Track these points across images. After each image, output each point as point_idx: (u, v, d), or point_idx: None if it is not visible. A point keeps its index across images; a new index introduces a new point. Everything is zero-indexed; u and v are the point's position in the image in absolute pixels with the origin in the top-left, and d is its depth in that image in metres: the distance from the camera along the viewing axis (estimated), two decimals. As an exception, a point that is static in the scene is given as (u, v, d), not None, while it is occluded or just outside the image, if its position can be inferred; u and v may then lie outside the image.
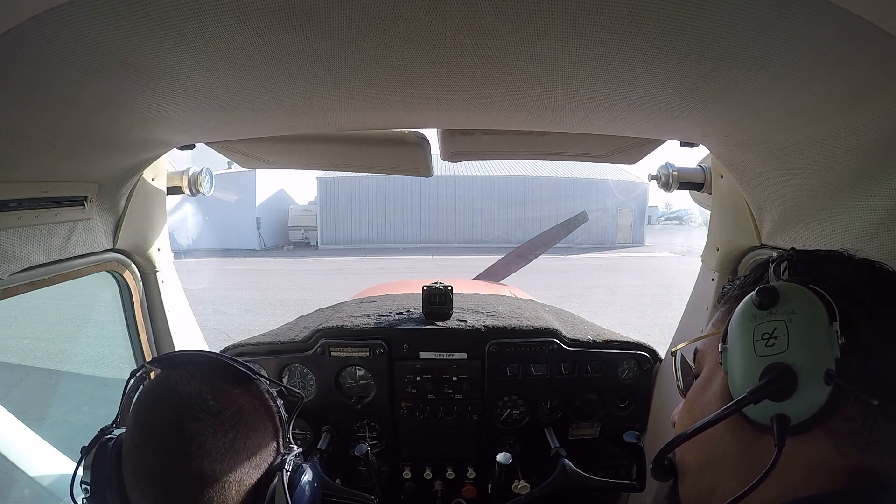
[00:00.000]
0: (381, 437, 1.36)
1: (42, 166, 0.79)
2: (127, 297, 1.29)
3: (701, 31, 0.50)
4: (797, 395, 0.44)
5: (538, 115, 0.84)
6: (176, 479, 0.57)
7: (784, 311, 0.47)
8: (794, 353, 0.46)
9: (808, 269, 0.52)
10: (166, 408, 0.60)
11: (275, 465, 0.65)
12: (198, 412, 0.59)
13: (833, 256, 0.53)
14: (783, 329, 0.47)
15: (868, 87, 0.57)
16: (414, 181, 18.09)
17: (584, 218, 4.48)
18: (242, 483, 0.60)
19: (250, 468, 0.61)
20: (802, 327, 0.46)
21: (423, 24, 0.51)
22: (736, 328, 0.51)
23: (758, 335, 0.48)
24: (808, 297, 0.47)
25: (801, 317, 0.46)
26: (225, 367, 0.66)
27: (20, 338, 4.05)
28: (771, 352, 0.47)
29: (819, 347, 0.44)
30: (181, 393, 0.60)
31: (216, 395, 0.61)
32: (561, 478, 1.10)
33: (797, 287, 0.48)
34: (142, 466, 0.59)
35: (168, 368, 0.66)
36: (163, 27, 0.50)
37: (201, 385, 0.61)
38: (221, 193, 17.05)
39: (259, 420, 0.65)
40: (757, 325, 0.49)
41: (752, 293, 0.51)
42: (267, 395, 0.68)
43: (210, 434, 0.58)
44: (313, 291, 10.03)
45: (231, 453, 0.59)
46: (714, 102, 0.72)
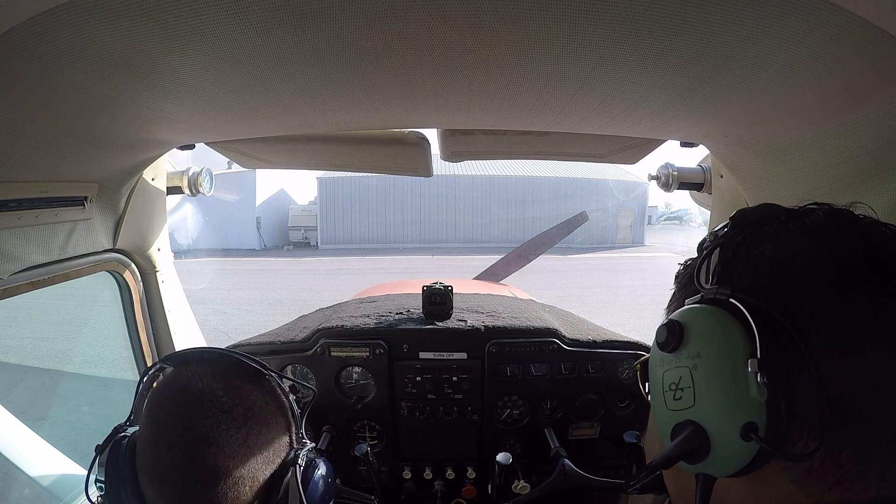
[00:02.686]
0: (381, 437, 1.36)
1: (42, 166, 0.79)
2: (127, 297, 1.29)
3: (701, 31, 0.50)
4: (713, 457, 0.38)
5: (538, 116, 0.84)
6: (190, 476, 0.57)
7: (689, 353, 0.39)
8: (700, 408, 0.38)
9: (747, 261, 0.41)
10: (179, 405, 0.61)
11: (288, 460, 0.65)
12: (211, 409, 0.59)
13: (784, 226, 0.41)
14: (688, 378, 0.39)
15: (868, 87, 0.57)
16: (414, 181, 18.10)
17: (584, 218, 4.49)
18: (256, 478, 0.61)
19: (263, 463, 0.62)
20: (709, 374, 0.38)
21: (423, 25, 0.51)
22: (651, 371, 0.45)
23: (666, 384, 0.41)
24: (719, 328, 0.38)
25: (708, 360, 0.38)
26: (236, 363, 0.67)
27: (20, 338, 4.05)
28: (678, 406, 0.40)
29: (730, 398, 0.37)
30: (194, 390, 0.61)
31: (229, 392, 0.62)
32: (561, 478, 1.10)
33: (706, 313, 0.40)
34: (156, 464, 0.59)
35: (180, 366, 0.67)
36: (163, 27, 0.50)
37: (214, 382, 0.62)
38: (221, 193, 17.04)
39: (272, 415, 0.65)
40: (664, 371, 0.42)
41: (658, 328, 0.43)
42: (279, 391, 0.68)
43: (223, 430, 0.59)
44: (313, 291, 10.03)
45: (244, 449, 0.60)
46: (714, 102, 0.72)
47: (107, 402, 2.53)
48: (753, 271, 0.40)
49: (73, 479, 1.20)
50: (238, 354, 0.67)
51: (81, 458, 1.26)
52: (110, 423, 0.68)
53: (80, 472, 1.22)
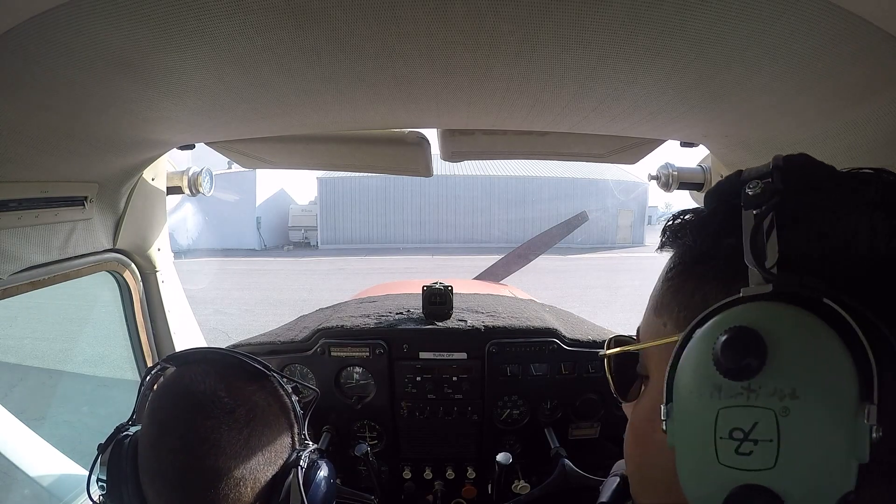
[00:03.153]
0: (381, 437, 1.36)
1: (42, 166, 0.79)
2: (127, 297, 1.29)
3: (701, 31, 0.50)
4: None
5: (538, 116, 0.84)
6: (191, 477, 0.57)
7: (776, 389, 0.27)
8: (786, 473, 0.27)
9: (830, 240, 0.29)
10: (181, 406, 0.60)
11: (290, 462, 0.65)
12: (212, 410, 0.59)
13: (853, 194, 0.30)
14: (771, 427, 0.27)
15: (868, 87, 0.57)
16: (414, 181, 18.09)
17: (584, 218, 4.49)
18: (258, 480, 0.60)
19: (265, 464, 0.62)
20: (808, 426, 0.26)
21: (423, 25, 0.51)
22: (685, 394, 0.31)
23: (724, 428, 0.28)
24: (824, 352, 0.26)
25: (808, 405, 0.26)
26: (239, 363, 0.66)
27: (20, 338, 4.05)
28: (745, 465, 0.28)
29: (834, 462, 0.26)
30: (196, 391, 0.60)
31: (231, 392, 0.61)
32: (561, 478, 1.10)
33: (799, 320, 0.27)
34: (157, 465, 0.59)
35: (182, 366, 0.66)
36: (163, 27, 0.50)
37: (216, 382, 0.61)
38: (221, 193, 17.05)
39: (274, 416, 0.65)
40: (722, 407, 0.28)
41: (708, 337, 0.29)
42: (282, 392, 0.68)
43: (225, 431, 0.58)
44: (313, 291, 10.03)
45: (246, 450, 0.59)
46: (714, 102, 0.72)
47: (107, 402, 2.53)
48: (842, 258, 0.28)
49: (73, 479, 1.20)
50: (241, 355, 0.67)
51: (82, 458, 1.26)
52: (110, 424, 0.68)
53: (81, 471, 1.22)
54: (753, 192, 0.31)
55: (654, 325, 0.38)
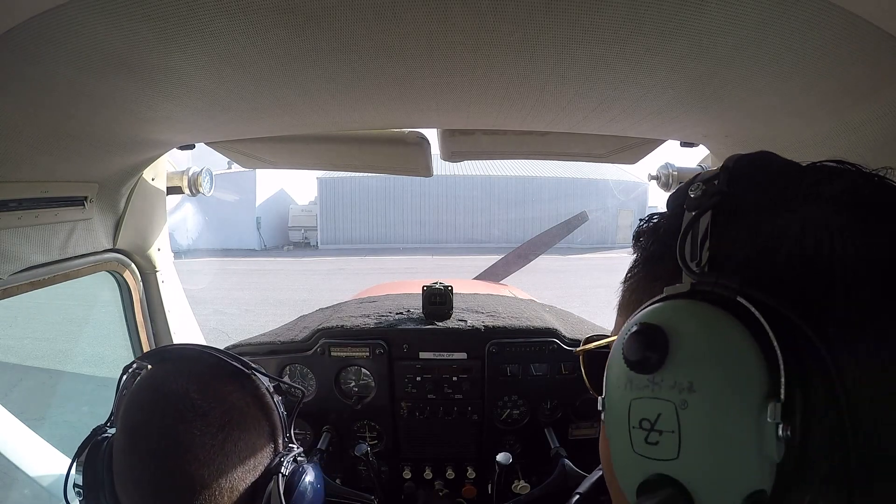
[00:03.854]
0: (381, 437, 1.36)
1: (42, 166, 0.79)
2: (127, 298, 1.29)
3: (701, 30, 0.50)
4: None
5: (538, 115, 0.84)
6: (164, 486, 0.54)
7: (675, 381, 0.27)
8: (687, 466, 0.27)
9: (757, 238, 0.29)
10: (152, 409, 0.57)
11: (272, 468, 0.61)
12: (184, 413, 0.55)
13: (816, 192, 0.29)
14: (671, 419, 0.27)
15: (868, 88, 0.57)
16: (414, 181, 18.10)
17: (584, 218, 4.48)
18: (235, 488, 0.56)
19: (244, 471, 0.58)
20: (707, 420, 0.26)
21: (423, 24, 0.51)
22: (611, 387, 0.32)
23: (635, 418, 0.29)
24: (727, 347, 0.26)
25: (706, 397, 0.26)
26: (216, 362, 0.62)
27: (20, 338, 4.05)
28: (652, 453, 0.28)
29: (735, 459, 0.26)
30: (167, 392, 0.57)
31: (204, 394, 0.57)
32: (561, 478, 1.10)
33: (706, 320, 0.28)
34: (128, 471, 0.56)
35: (157, 365, 0.63)
36: (163, 27, 0.50)
37: (189, 382, 0.58)
38: (221, 193, 17.06)
39: (252, 419, 0.61)
40: (633, 399, 0.29)
41: (624, 333, 0.31)
42: (264, 392, 0.64)
43: (197, 436, 0.55)
44: (313, 291, 10.03)
45: (221, 457, 0.55)
46: (714, 102, 0.72)
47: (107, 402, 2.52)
48: (769, 257, 0.28)
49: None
50: (219, 352, 0.63)
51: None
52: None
53: (80, 472, 1.22)
54: (695, 193, 0.32)
55: (617, 324, 0.41)
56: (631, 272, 0.39)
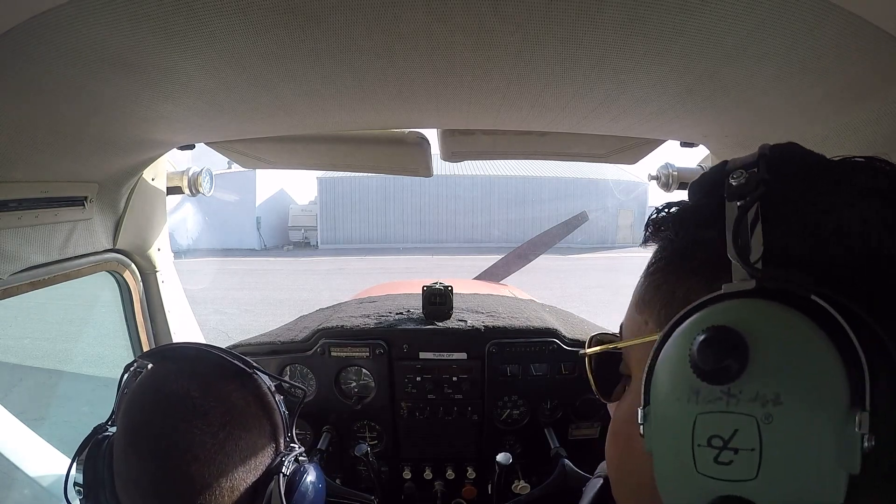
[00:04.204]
0: (381, 437, 1.36)
1: (42, 166, 0.79)
2: (127, 298, 1.29)
3: (701, 30, 0.50)
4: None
5: (538, 116, 0.84)
6: (163, 486, 0.54)
7: (758, 394, 0.25)
8: (768, 484, 0.25)
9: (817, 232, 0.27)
10: (152, 409, 0.56)
11: (272, 467, 0.60)
12: (184, 412, 0.55)
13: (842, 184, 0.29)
14: (752, 435, 0.25)
15: (868, 88, 0.57)
16: (414, 181, 18.09)
17: (584, 218, 4.48)
18: (236, 488, 0.56)
19: (245, 471, 0.57)
20: (793, 434, 0.24)
21: (423, 25, 0.51)
22: (662, 397, 0.29)
23: (702, 435, 0.26)
24: (812, 353, 0.24)
25: (793, 412, 0.24)
26: (217, 361, 0.61)
27: (20, 338, 4.05)
28: (724, 474, 0.26)
29: (822, 473, 0.24)
30: (167, 392, 0.57)
31: (205, 393, 0.57)
32: (561, 478, 1.10)
33: (785, 318, 0.25)
34: (128, 471, 0.55)
35: (158, 363, 0.62)
36: (163, 27, 0.49)
37: (189, 382, 0.57)
38: (221, 193, 17.07)
39: (253, 418, 0.60)
40: (701, 413, 0.26)
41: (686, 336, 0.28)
42: (265, 391, 0.63)
43: (197, 436, 0.54)
44: (313, 291, 10.03)
45: (221, 456, 0.55)
46: (714, 102, 0.72)
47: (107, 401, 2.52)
48: (832, 253, 0.27)
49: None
50: (220, 351, 0.62)
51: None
52: (109, 424, 0.67)
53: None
54: (737, 182, 0.30)
55: (636, 323, 0.37)
56: (656, 265, 0.35)
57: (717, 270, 0.29)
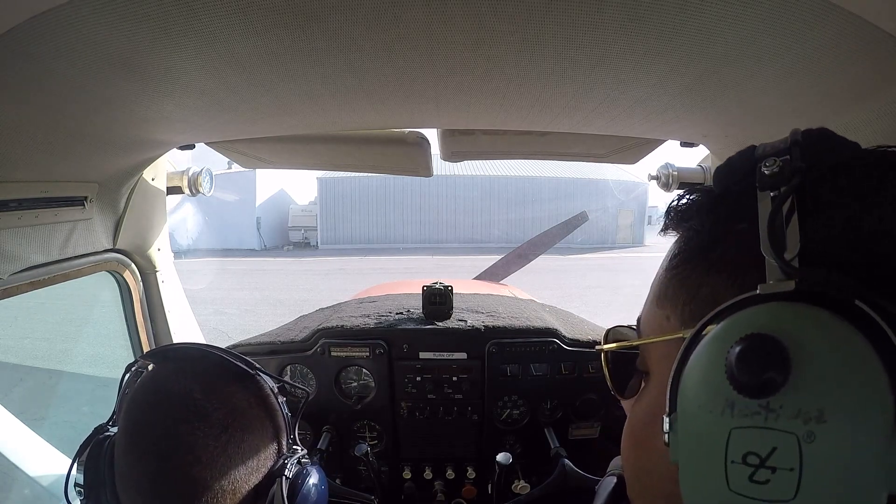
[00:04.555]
0: (381, 437, 1.36)
1: (42, 166, 0.80)
2: (127, 298, 1.29)
3: (701, 30, 0.50)
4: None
5: (538, 116, 0.84)
6: (164, 488, 0.53)
7: (799, 410, 0.23)
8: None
9: (858, 231, 0.25)
10: (154, 410, 0.56)
11: (275, 470, 0.60)
12: (186, 414, 0.54)
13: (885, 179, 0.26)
14: (792, 454, 0.23)
15: (868, 88, 0.57)
16: (414, 181, 18.10)
17: (584, 218, 4.48)
18: (238, 490, 0.56)
19: (247, 473, 0.57)
20: (836, 454, 0.22)
21: (423, 24, 0.51)
22: (692, 408, 0.27)
23: (736, 451, 0.24)
24: (859, 366, 0.22)
25: (838, 430, 0.22)
26: (220, 361, 0.61)
27: (20, 338, 4.05)
28: (761, 494, 0.24)
29: (863, 493, 0.22)
30: (169, 392, 0.56)
31: (207, 394, 0.57)
32: (561, 478, 1.10)
33: (830, 326, 0.23)
34: (129, 471, 0.55)
35: (160, 364, 0.62)
36: (163, 27, 0.50)
37: (192, 382, 0.57)
38: (221, 193, 17.08)
39: (256, 420, 0.60)
40: (735, 427, 0.25)
41: (718, 343, 0.26)
42: (268, 392, 0.63)
43: (200, 437, 0.54)
44: (313, 291, 10.03)
45: (223, 458, 0.55)
46: (714, 102, 0.72)
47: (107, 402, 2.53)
48: (874, 253, 0.25)
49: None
50: (223, 352, 0.62)
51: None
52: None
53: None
54: (770, 170, 0.27)
55: (657, 318, 0.34)
56: (679, 256, 0.33)
57: (747, 266, 0.27)
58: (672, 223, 0.35)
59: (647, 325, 0.36)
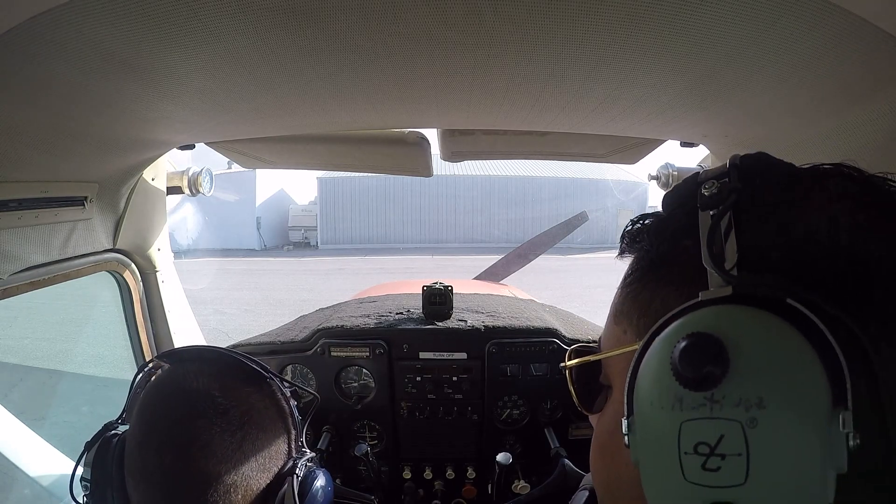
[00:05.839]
0: (381, 437, 1.36)
1: (42, 166, 0.79)
2: (127, 297, 1.29)
3: (701, 30, 0.50)
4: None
5: (538, 115, 0.84)
6: (178, 481, 0.54)
7: (741, 399, 0.25)
8: (758, 489, 0.25)
9: (789, 238, 0.28)
10: (171, 404, 0.57)
11: (285, 470, 0.61)
12: (204, 409, 0.56)
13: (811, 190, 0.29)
14: (738, 440, 0.25)
15: (868, 88, 0.57)
16: (414, 181, 18.09)
17: (584, 218, 4.47)
18: (249, 487, 0.57)
19: (258, 471, 0.58)
20: (779, 437, 0.24)
21: (423, 24, 0.51)
22: (645, 407, 0.29)
23: (688, 443, 0.26)
24: (792, 356, 0.25)
25: (778, 414, 0.24)
26: (236, 364, 0.63)
27: (20, 338, 4.05)
28: (713, 481, 0.25)
29: (810, 473, 0.24)
30: (188, 389, 0.58)
31: (225, 393, 0.58)
32: (561, 478, 1.10)
33: (762, 323, 0.26)
34: (143, 465, 0.56)
35: (176, 364, 0.63)
36: (163, 27, 0.50)
37: (210, 381, 0.59)
38: (221, 193, 17.07)
39: (270, 421, 0.62)
40: (685, 421, 0.26)
41: (666, 345, 0.28)
42: (280, 395, 0.65)
43: (216, 433, 0.55)
44: (313, 291, 10.03)
45: (238, 454, 0.56)
46: (714, 102, 0.72)
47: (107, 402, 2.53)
48: (804, 256, 0.27)
49: (73, 479, 1.20)
50: (239, 355, 0.64)
51: (81, 458, 1.26)
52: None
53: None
54: (709, 192, 0.31)
55: (615, 334, 0.37)
56: (633, 275, 0.36)
57: (693, 279, 0.29)
58: (626, 246, 0.38)
59: (607, 340, 0.39)
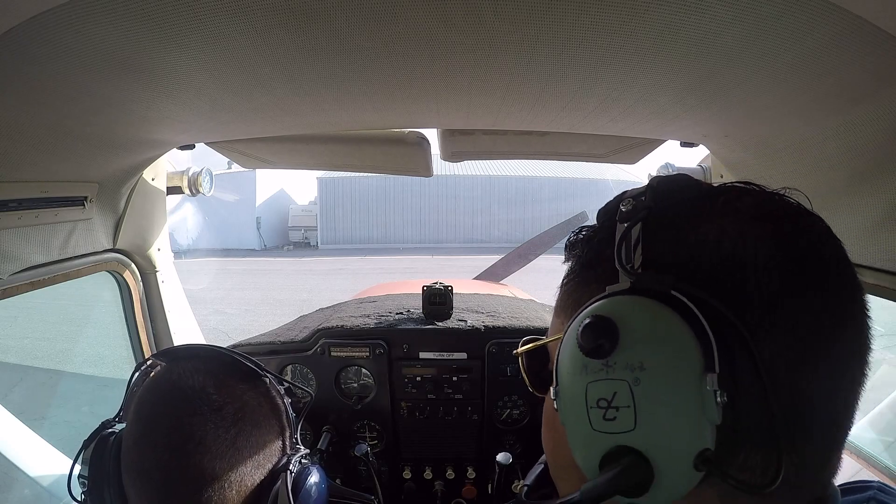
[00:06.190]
0: (381, 437, 1.36)
1: (42, 166, 0.79)
2: (127, 297, 1.29)
3: (701, 31, 0.50)
4: (656, 488, 0.32)
5: (538, 115, 0.84)
6: (173, 476, 0.55)
7: (627, 363, 0.32)
8: (644, 433, 0.31)
9: (684, 244, 0.35)
10: (167, 401, 0.58)
11: (279, 467, 0.62)
12: (199, 406, 0.57)
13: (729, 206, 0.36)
14: (626, 396, 0.32)
15: (867, 88, 0.57)
16: (414, 181, 18.10)
17: (584, 218, 4.46)
18: (243, 483, 0.58)
19: (253, 468, 0.59)
20: (657, 392, 0.31)
21: (423, 24, 0.51)
22: (565, 376, 0.36)
23: (592, 399, 0.33)
24: (668, 331, 0.31)
25: (655, 373, 0.31)
26: (231, 362, 0.64)
27: (20, 338, 4.05)
28: (611, 428, 0.32)
29: (684, 423, 0.31)
30: (183, 386, 0.59)
31: (220, 390, 0.59)
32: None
33: (647, 309, 0.32)
34: (140, 462, 0.57)
35: (172, 362, 0.64)
36: (163, 27, 0.50)
37: (205, 379, 0.60)
38: (221, 193, 17.06)
39: (264, 418, 0.63)
40: (590, 382, 0.33)
41: (576, 327, 0.34)
42: (274, 393, 0.66)
43: (211, 429, 0.56)
44: (313, 291, 10.03)
45: (232, 451, 0.57)
46: (714, 102, 0.72)
47: (107, 402, 2.53)
48: (694, 259, 0.34)
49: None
50: (234, 353, 0.65)
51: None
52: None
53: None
54: (626, 208, 0.37)
55: (555, 325, 0.45)
56: (568, 277, 0.43)
57: (611, 279, 0.36)
58: (566, 253, 0.45)
59: (550, 331, 0.46)
